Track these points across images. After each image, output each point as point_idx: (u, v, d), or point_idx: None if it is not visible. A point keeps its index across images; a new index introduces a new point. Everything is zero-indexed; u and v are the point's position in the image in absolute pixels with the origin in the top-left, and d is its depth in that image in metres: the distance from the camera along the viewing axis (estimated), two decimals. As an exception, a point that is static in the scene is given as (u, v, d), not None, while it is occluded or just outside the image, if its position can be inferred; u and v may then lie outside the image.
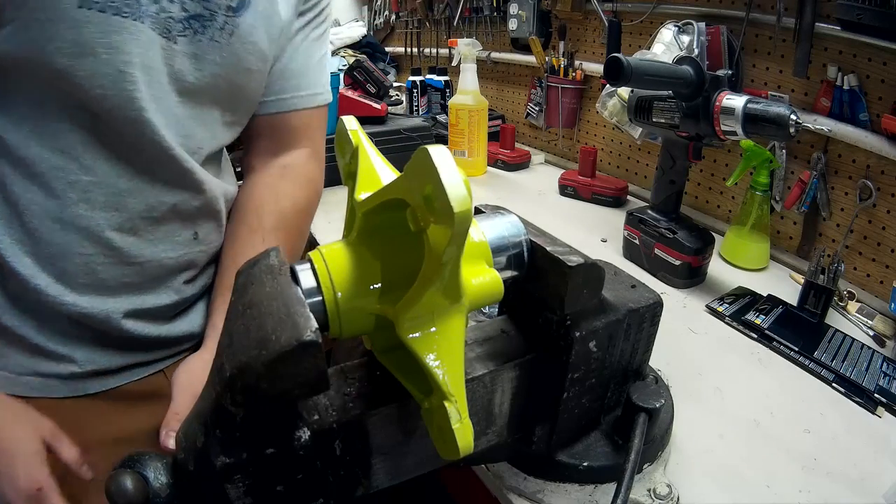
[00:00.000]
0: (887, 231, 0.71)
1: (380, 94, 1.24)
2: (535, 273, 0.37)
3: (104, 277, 0.52)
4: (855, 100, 0.72)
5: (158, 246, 0.55)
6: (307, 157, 0.68)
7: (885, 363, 0.59)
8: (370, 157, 0.35)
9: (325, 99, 0.69)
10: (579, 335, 0.37)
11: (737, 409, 0.54)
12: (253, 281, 0.30)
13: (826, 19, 0.73)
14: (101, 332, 0.53)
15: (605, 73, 0.62)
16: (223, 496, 0.29)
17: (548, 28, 1.26)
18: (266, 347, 0.26)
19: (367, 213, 0.32)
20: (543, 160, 1.37)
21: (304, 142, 0.68)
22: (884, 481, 0.45)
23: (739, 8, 0.84)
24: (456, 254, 0.27)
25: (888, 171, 0.70)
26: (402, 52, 1.95)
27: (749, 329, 0.66)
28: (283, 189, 0.65)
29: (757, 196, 0.78)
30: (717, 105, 0.65)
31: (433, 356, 0.29)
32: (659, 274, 0.78)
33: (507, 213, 0.39)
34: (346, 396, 0.34)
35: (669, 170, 0.75)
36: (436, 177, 0.23)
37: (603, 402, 0.44)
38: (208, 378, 0.30)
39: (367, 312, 0.32)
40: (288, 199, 0.65)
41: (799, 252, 0.83)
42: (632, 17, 1.03)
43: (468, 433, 0.29)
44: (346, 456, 0.34)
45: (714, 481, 0.45)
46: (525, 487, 0.44)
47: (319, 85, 0.68)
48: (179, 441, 0.31)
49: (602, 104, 1.01)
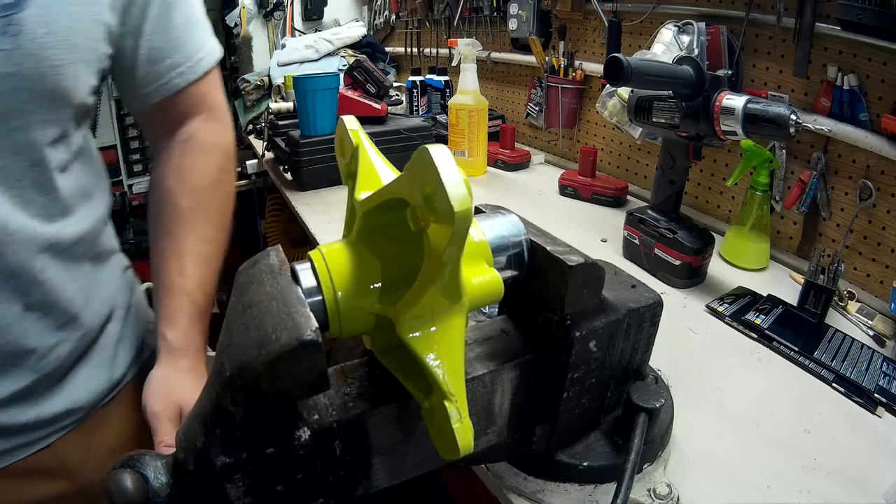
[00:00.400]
0: (887, 231, 0.71)
1: (380, 94, 1.24)
2: (535, 273, 0.37)
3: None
4: (855, 100, 0.72)
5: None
6: (205, 121, 0.63)
7: (885, 363, 0.59)
8: (370, 156, 0.35)
9: (210, 61, 0.61)
10: (579, 335, 0.37)
11: (737, 409, 0.54)
12: (253, 281, 0.30)
13: (826, 19, 0.73)
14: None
15: (605, 73, 0.62)
16: (223, 496, 0.29)
17: (548, 28, 1.26)
18: (266, 347, 0.26)
19: (368, 212, 0.32)
20: (543, 160, 1.37)
21: (198, 109, 0.63)
22: (884, 481, 0.45)
23: (739, 8, 0.84)
24: (456, 253, 0.27)
25: (888, 171, 0.70)
26: (402, 52, 1.95)
27: (749, 329, 0.66)
28: (187, 166, 0.61)
29: (757, 196, 0.78)
30: (717, 105, 0.65)
31: (433, 356, 0.29)
32: (659, 274, 0.78)
33: (508, 212, 0.39)
34: (346, 396, 0.34)
35: (669, 170, 0.75)
36: (436, 176, 0.23)
37: (603, 402, 0.44)
38: (208, 378, 0.30)
39: (367, 312, 0.32)
40: (196, 173, 0.61)
41: (799, 252, 0.83)
42: (632, 17, 1.03)
43: (468, 433, 0.29)
44: (346, 456, 0.34)
45: (714, 481, 0.45)
46: (525, 487, 0.44)
47: (198, 49, 0.60)
48: (179, 441, 0.31)
49: (602, 104, 1.01)
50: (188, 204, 0.59)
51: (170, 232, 0.59)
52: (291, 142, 1.15)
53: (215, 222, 0.61)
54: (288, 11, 2.07)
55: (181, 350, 0.55)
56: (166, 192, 0.60)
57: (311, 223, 1.00)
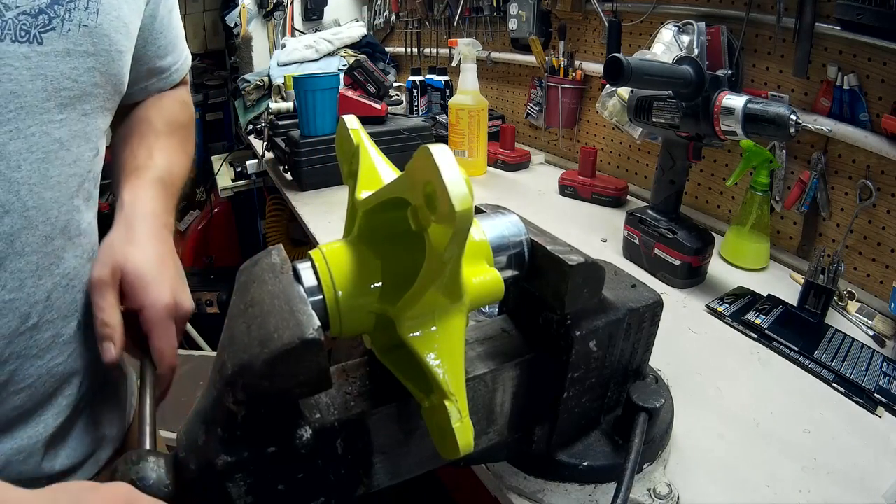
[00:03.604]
0: (887, 231, 0.71)
1: (380, 94, 1.24)
2: (535, 272, 0.37)
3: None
4: (855, 100, 0.72)
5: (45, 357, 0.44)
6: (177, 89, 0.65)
7: (885, 363, 0.59)
8: (371, 156, 0.35)
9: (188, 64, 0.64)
10: (579, 334, 0.37)
11: (737, 409, 0.54)
12: (255, 280, 0.30)
13: (826, 19, 0.73)
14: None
15: (605, 73, 0.62)
16: (224, 495, 0.29)
17: (548, 28, 1.26)
18: (268, 345, 0.26)
19: (368, 212, 0.32)
20: (543, 160, 1.37)
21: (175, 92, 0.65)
22: (884, 481, 0.45)
23: (739, 8, 0.84)
24: (457, 253, 0.27)
25: (888, 171, 0.70)
26: (402, 52, 1.95)
27: (749, 329, 0.66)
28: (165, 104, 0.61)
29: (757, 196, 0.78)
30: (717, 105, 0.65)
31: (433, 355, 0.29)
32: (659, 274, 0.78)
33: (508, 212, 0.39)
34: (348, 395, 0.34)
35: (669, 170, 0.75)
36: (437, 176, 0.23)
37: (603, 402, 0.44)
38: (210, 377, 0.30)
39: (368, 311, 0.32)
40: (168, 111, 0.61)
41: (799, 252, 0.83)
42: (632, 17, 1.03)
43: (468, 432, 0.29)
44: (347, 455, 0.34)
45: (714, 481, 0.46)
46: (525, 487, 0.44)
47: (182, 50, 0.62)
48: (181, 440, 0.31)
49: (602, 104, 1.01)
50: (163, 127, 0.59)
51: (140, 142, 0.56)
52: (291, 142, 1.15)
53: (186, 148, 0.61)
54: (288, 11, 2.07)
55: (141, 216, 0.50)
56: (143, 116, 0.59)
57: (311, 223, 1.00)
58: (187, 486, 0.30)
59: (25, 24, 0.38)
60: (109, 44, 0.45)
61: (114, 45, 0.45)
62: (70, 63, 0.41)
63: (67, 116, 0.43)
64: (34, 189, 0.41)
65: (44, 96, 0.40)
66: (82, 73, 0.43)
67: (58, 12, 0.40)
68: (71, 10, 0.40)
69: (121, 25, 0.46)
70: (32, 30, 0.38)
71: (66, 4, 0.40)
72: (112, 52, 0.45)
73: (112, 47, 0.45)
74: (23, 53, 0.38)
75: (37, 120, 0.40)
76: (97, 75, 0.44)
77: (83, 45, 0.42)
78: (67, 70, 0.41)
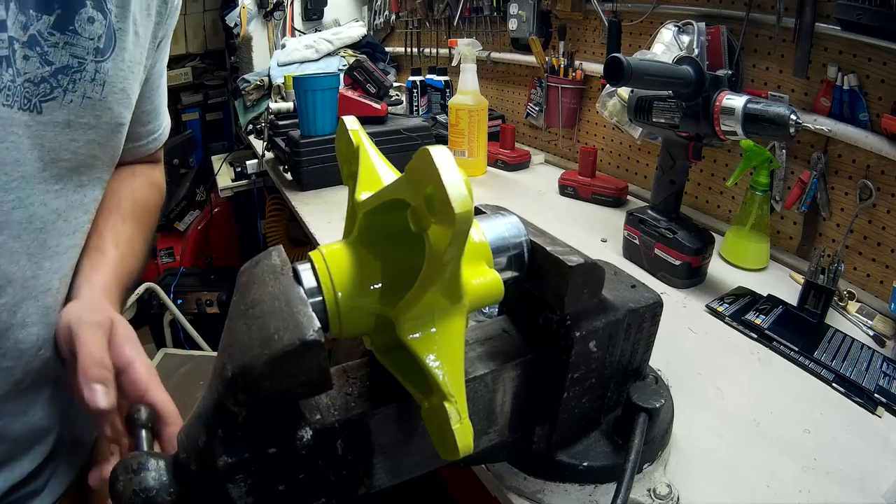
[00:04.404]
0: (887, 231, 0.71)
1: (380, 94, 1.24)
2: (535, 273, 0.37)
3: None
4: (855, 100, 0.72)
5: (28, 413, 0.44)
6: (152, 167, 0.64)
7: (885, 363, 0.59)
8: (371, 157, 0.35)
9: (168, 131, 0.63)
10: (579, 335, 0.37)
11: (737, 409, 0.54)
12: (255, 280, 0.30)
13: (826, 19, 0.73)
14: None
15: (605, 73, 0.62)
16: (225, 496, 0.29)
17: (548, 28, 1.26)
18: (269, 346, 0.26)
19: (368, 213, 0.32)
20: (543, 160, 1.37)
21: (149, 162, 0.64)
22: (884, 481, 0.45)
23: (739, 8, 0.84)
24: (457, 254, 0.27)
25: (888, 171, 0.70)
26: (402, 52, 1.95)
27: (749, 329, 0.66)
28: (136, 184, 0.60)
29: (757, 196, 0.78)
30: (717, 105, 0.65)
31: (433, 357, 0.29)
32: (659, 274, 0.78)
33: (508, 213, 0.39)
34: (348, 396, 0.34)
35: (669, 170, 0.75)
36: (437, 177, 0.23)
37: (603, 402, 0.44)
38: (210, 378, 0.30)
39: (368, 312, 0.32)
40: (139, 192, 0.59)
41: (799, 252, 0.83)
42: (632, 17, 1.03)
43: (468, 433, 0.29)
44: (347, 455, 0.34)
45: (714, 481, 0.46)
46: (525, 487, 0.44)
47: (164, 116, 0.61)
48: (181, 441, 0.31)
49: (602, 104, 1.01)
50: (128, 209, 0.56)
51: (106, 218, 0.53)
52: (291, 142, 1.15)
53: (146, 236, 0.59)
54: (288, 11, 2.07)
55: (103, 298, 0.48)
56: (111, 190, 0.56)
57: (311, 223, 1.00)
58: (188, 487, 0.30)
59: (28, 91, 0.38)
60: (111, 117, 0.44)
61: (115, 118, 0.45)
62: (69, 134, 0.41)
63: (64, 187, 0.42)
64: (33, 259, 0.41)
65: (40, 166, 0.40)
66: (82, 145, 0.42)
67: (61, 82, 0.39)
68: (76, 81, 0.40)
69: (124, 98, 0.45)
70: (33, 98, 0.38)
71: (72, 75, 0.40)
72: (113, 124, 0.45)
73: (114, 120, 0.45)
74: (24, 122, 0.38)
75: (35, 189, 0.40)
76: (96, 147, 0.44)
77: (85, 117, 0.42)
78: (66, 141, 0.41)
